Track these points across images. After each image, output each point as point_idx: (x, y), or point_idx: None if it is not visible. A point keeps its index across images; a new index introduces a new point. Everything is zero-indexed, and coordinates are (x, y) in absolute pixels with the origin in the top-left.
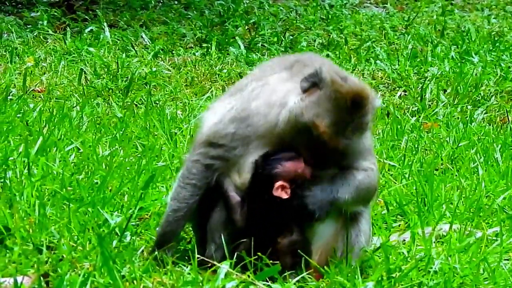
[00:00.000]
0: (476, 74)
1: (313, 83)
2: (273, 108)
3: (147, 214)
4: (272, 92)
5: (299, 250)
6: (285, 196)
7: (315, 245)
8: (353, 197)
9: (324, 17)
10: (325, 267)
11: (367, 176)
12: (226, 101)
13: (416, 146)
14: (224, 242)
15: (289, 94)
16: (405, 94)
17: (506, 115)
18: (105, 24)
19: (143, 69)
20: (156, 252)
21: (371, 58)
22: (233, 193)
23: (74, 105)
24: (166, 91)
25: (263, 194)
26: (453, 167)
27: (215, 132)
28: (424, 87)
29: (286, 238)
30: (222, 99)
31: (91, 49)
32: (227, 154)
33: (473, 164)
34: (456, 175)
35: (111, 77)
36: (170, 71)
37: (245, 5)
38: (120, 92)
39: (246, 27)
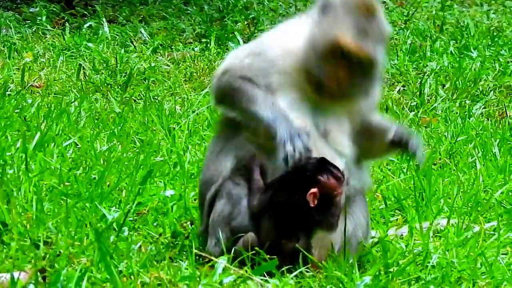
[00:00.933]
0: (475, 69)
1: (323, 7)
2: (289, 40)
3: (145, 209)
4: (285, 29)
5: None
6: (312, 204)
7: (313, 239)
8: None
9: None
10: (323, 262)
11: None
12: (241, 47)
13: None
14: (222, 238)
15: (303, 26)
16: (404, 89)
17: (504, 109)
18: (104, 19)
19: (142, 65)
20: None
21: None
22: (259, 177)
23: (73, 100)
24: (165, 86)
25: (294, 191)
26: (451, 162)
27: (232, 64)
28: (423, 82)
29: (291, 243)
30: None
31: (90, 44)
32: (253, 79)
33: (471, 158)
34: (454, 170)
35: (109, 72)
36: (169, 66)
37: (245, 1)
38: (119, 87)
39: (246, 22)
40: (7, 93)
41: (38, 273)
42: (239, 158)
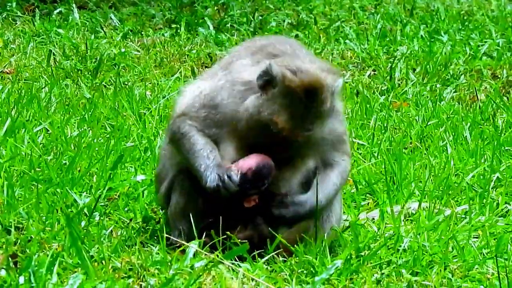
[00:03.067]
0: (445, 53)
1: (267, 80)
2: (235, 102)
3: (116, 195)
4: (234, 84)
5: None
6: (253, 203)
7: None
8: (328, 200)
9: None
10: (294, 246)
11: (339, 173)
12: (197, 84)
13: (385, 125)
14: (184, 229)
15: (248, 90)
16: (375, 74)
17: (475, 93)
18: (74, 5)
19: (112, 50)
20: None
21: (340, 38)
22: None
23: (43, 86)
24: (135, 72)
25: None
26: (422, 146)
27: (189, 109)
28: (393, 66)
29: (241, 233)
30: (193, 83)
31: (60, 30)
32: (203, 128)
33: (442, 142)
34: (425, 154)
35: (80, 58)
36: (139, 52)
37: None
38: (89, 73)
39: (216, 8)
40: None
41: (9, 259)
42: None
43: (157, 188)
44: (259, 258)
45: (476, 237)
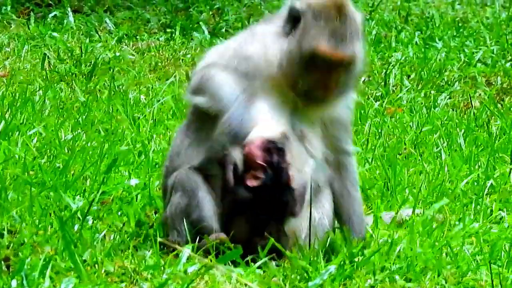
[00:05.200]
0: (440, 60)
1: (294, 18)
2: (270, 48)
3: (110, 198)
4: (264, 35)
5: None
6: (250, 184)
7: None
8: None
9: None
10: (287, 251)
11: (354, 166)
12: (221, 44)
13: (379, 130)
14: (183, 230)
15: (278, 35)
16: (369, 80)
17: (469, 100)
18: (69, 9)
19: (106, 54)
20: None
21: None
22: (231, 176)
23: (37, 89)
24: (130, 76)
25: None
26: (416, 152)
27: (218, 59)
28: (388, 72)
29: (263, 240)
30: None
31: (55, 34)
32: (234, 78)
33: (436, 148)
34: (419, 160)
35: (74, 62)
36: (134, 56)
37: None
38: (84, 76)
39: (211, 13)
40: None
41: (2, 262)
42: (212, 151)
43: (162, 182)
44: (252, 263)
45: (470, 244)
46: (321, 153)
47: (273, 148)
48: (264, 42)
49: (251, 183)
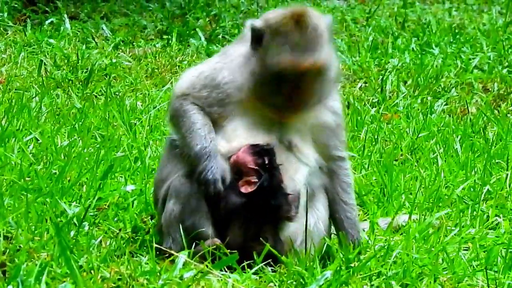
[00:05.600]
0: (436, 66)
1: (256, 38)
2: (237, 73)
3: (106, 204)
4: (232, 59)
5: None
6: (244, 191)
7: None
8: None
9: None
10: (283, 257)
11: (347, 171)
12: (194, 68)
13: (376, 136)
14: (178, 237)
15: (246, 56)
16: (366, 86)
17: (466, 106)
18: (65, 16)
19: (103, 61)
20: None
21: None
22: (220, 184)
23: (34, 96)
24: (126, 82)
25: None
26: (412, 158)
27: (190, 89)
28: (384, 78)
29: (260, 246)
30: (191, 68)
31: (52, 40)
32: (206, 107)
33: (433, 154)
34: (415, 166)
35: (71, 68)
36: (131, 62)
37: None
38: (80, 83)
39: (207, 19)
40: None
41: None
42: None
43: (155, 193)
44: (248, 269)
45: (466, 249)
46: (314, 160)
47: (261, 151)
48: (232, 68)
49: (246, 189)
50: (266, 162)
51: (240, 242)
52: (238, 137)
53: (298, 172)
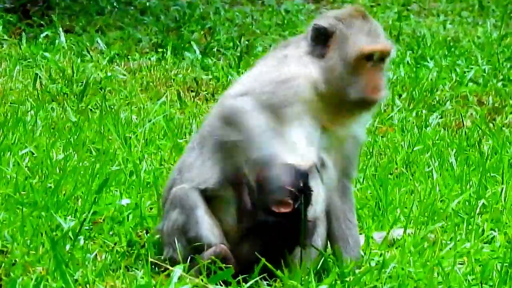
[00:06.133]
0: (431, 79)
1: (323, 37)
2: (308, 68)
3: (101, 218)
4: (298, 59)
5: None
6: (283, 210)
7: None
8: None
9: (280, 23)
10: (278, 270)
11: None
12: (253, 69)
13: (371, 150)
14: (179, 248)
15: (312, 55)
16: None
17: (461, 119)
18: (60, 29)
19: (98, 74)
20: None
21: None
22: (247, 197)
23: (29, 109)
24: (121, 95)
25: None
26: (407, 171)
27: (252, 87)
28: None
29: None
30: (241, 77)
31: (47, 54)
32: (269, 109)
33: (428, 168)
34: (410, 179)
35: (66, 82)
36: (126, 76)
37: (201, 11)
38: (75, 96)
39: (202, 32)
40: None
41: None
42: (227, 171)
43: (165, 194)
44: (243, 283)
45: (462, 264)
46: (335, 180)
47: (301, 173)
48: (301, 63)
49: (279, 209)
50: (304, 188)
51: (247, 258)
52: (294, 148)
53: (319, 197)
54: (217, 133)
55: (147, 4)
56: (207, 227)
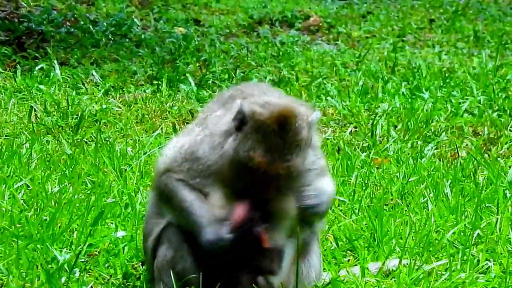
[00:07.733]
0: (426, 110)
1: (241, 120)
2: (217, 153)
3: (96, 251)
4: (212, 136)
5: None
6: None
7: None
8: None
9: (275, 54)
10: None
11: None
12: (175, 140)
13: (366, 181)
14: (169, 282)
15: (227, 131)
16: (356, 130)
17: (456, 150)
18: (55, 61)
19: (93, 106)
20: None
21: (322, 95)
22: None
23: (24, 142)
24: (117, 128)
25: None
26: (403, 202)
27: (172, 164)
28: (374, 123)
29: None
30: (171, 140)
31: (42, 86)
32: (189, 179)
33: (423, 199)
34: (406, 210)
35: (61, 114)
36: (121, 108)
37: (196, 43)
38: (70, 129)
39: (197, 64)
40: None
41: None
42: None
43: (144, 240)
44: None
45: None
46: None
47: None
48: (212, 142)
49: (266, 244)
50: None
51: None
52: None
53: (277, 231)
54: (158, 203)
55: (142, 36)
56: (193, 261)
